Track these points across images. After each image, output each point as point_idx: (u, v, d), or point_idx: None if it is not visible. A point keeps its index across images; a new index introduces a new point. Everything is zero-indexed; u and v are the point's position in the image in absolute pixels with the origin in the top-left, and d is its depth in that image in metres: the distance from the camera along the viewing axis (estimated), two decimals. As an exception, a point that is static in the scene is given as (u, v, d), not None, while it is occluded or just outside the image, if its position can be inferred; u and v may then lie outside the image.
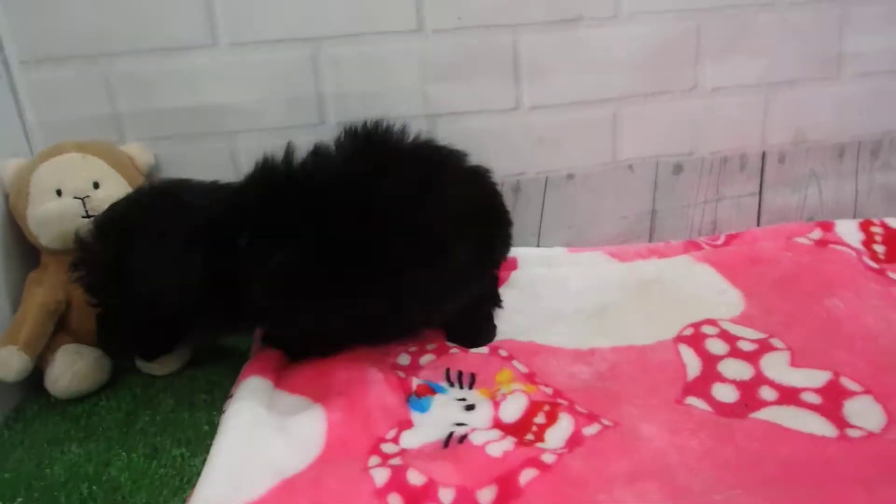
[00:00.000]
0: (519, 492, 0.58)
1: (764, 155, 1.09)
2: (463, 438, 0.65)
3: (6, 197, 0.86)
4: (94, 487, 0.68)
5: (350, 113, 0.99)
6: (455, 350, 0.84)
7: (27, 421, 0.81)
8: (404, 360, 0.83)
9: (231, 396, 0.76)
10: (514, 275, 1.02)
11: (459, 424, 0.69)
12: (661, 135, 1.07)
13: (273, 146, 0.92)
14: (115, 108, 0.94)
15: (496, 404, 0.72)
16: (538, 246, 1.10)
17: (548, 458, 0.61)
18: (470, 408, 0.72)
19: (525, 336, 0.87)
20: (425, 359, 0.83)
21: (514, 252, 1.05)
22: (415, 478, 0.60)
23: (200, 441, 0.74)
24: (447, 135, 1.02)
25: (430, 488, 0.59)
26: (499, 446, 0.63)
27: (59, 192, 0.83)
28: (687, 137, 1.07)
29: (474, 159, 0.89)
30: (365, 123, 0.83)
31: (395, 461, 0.64)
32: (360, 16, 0.95)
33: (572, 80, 1.02)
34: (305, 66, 0.96)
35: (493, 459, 0.62)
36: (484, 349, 0.85)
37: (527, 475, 0.59)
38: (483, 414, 0.71)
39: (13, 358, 0.77)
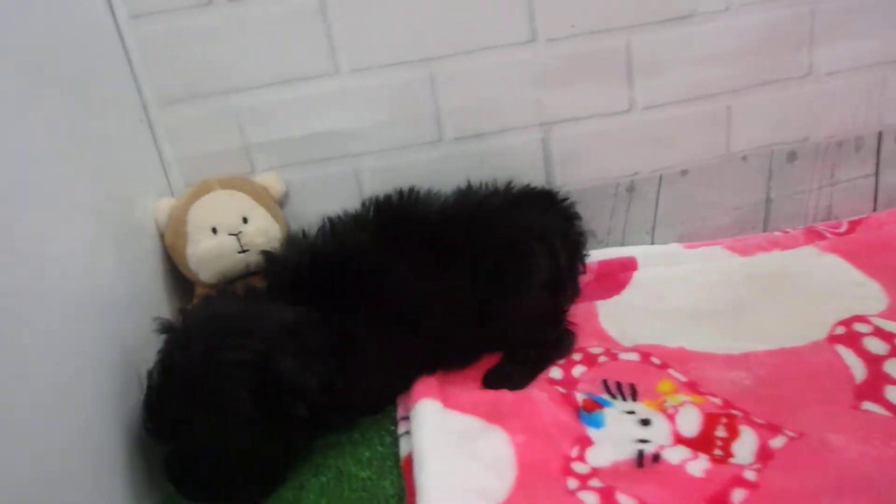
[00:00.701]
0: (732, 511, 0.60)
1: (880, 135, 1.08)
2: (656, 458, 0.67)
3: (161, 236, 0.88)
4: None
5: (468, 127, 1.00)
6: (604, 358, 0.86)
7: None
8: (556, 373, 0.85)
9: (404, 419, 0.79)
10: (635, 276, 1.03)
11: (642, 441, 0.71)
12: (774, 123, 1.06)
13: (395, 165, 0.94)
14: (245, 140, 0.96)
15: (670, 417, 0.73)
16: (652, 243, 1.11)
17: (749, 476, 0.63)
18: (645, 422, 0.74)
19: (671, 341, 0.88)
20: (577, 370, 0.85)
21: (630, 251, 1.06)
22: (626, 501, 0.62)
23: (382, 462, 0.76)
24: (562, 141, 1.03)
25: (642, 512, 0.61)
26: (697, 465, 0.65)
27: (214, 231, 0.85)
28: (801, 124, 1.06)
29: (589, 162, 0.96)
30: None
31: (595, 482, 0.66)
32: (474, 32, 0.96)
33: (685, 75, 1.01)
34: (423, 86, 0.97)
35: (698, 480, 0.63)
36: (633, 355, 0.86)
37: (738, 495, 0.61)
38: (661, 429, 0.72)
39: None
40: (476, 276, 0.81)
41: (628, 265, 1.04)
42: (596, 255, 1.05)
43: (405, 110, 0.98)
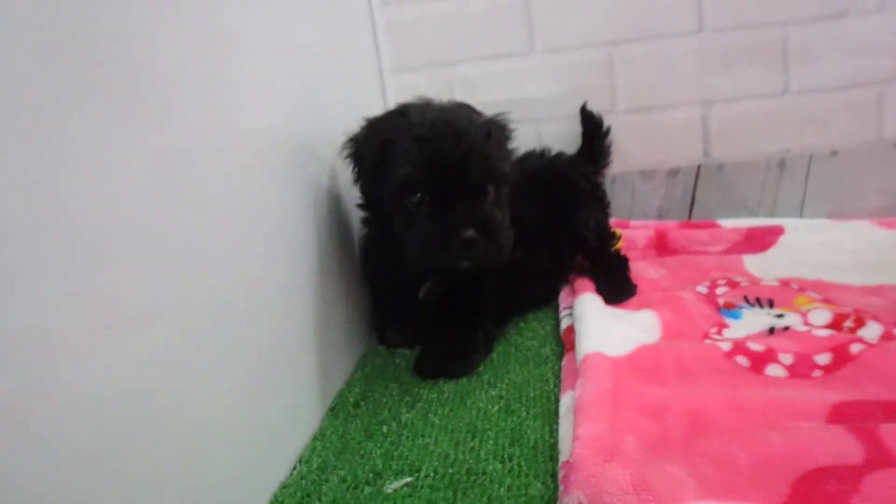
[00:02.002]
0: (852, 357, 0.71)
1: None
2: (786, 328, 0.80)
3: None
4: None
5: (636, 100, 1.20)
6: (746, 283, 0.99)
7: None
8: (702, 290, 0.99)
9: (565, 308, 0.97)
10: (781, 239, 1.14)
11: (773, 325, 0.83)
12: (927, 112, 1.15)
13: (570, 130, 1.14)
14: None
15: (803, 314, 0.85)
16: (801, 217, 1.21)
17: (871, 340, 0.74)
18: (780, 316, 0.86)
19: (812, 275, 0.99)
20: (721, 289, 0.98)
21: (780, 221, 1.18)
22: (755, 346, 0.75)
23: (545, 338, 0.95)
24: (720, 118, 1.19)
25: (770, 353, 0.74)
26: (823, 332, 0.77)
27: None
28: (955, 114, 1.14)
29: (743, 138, 1.12)
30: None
31: (732, 340, 0.80)
32: (650, 22, 1.17)
33: (838, 65, 1.14)
34: (602, 65, 1.19)
35: (822, 338, 0.75)
36: (774, 282, 0.98)
37: (856, 347, 0.72)
38: (793, 319, 0.84)
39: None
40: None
41: (775, 231, 1.16)
42: (743, 223, 1.18)
43: (585, 84, 1.20)
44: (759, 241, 1.15)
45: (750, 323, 0.86)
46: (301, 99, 0.86)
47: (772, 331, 0.81)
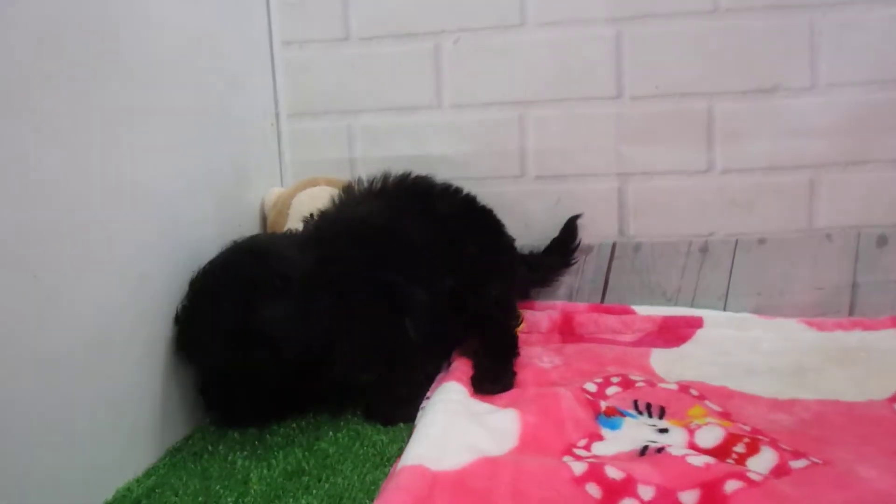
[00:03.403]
0: (725, 499, 0.57)
1: None
2: (661, 450, 0.66)
3: (264, 219, 1.04)
4: (307, 453, 0.76)
5: (548, 167, 1.09)
6: (642, 384, 0.85)
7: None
8: (591, 387, 0.85)
9: (428, 398, 0.83)
10: (699, 332, 1.02)
11: (653, 442, 0.69)
12: (863, 204, 1.04)
13: (478, 193, 1.03)
14: (353, 153, 1.12)
15: (691, 431, 0.71)
16: (724, 310, 1.09)
17: (754, 476, 0.60)
18: (663, 431, 0.72)
19: (716, 381, 0.86)
20: (611, 390, 0.85)
21: (700, 312, 1.05)
22: (613, 473, 0.61)
23: (398, 432, 0.80)
24: (637, 193, 1.08)
25: (629, 484, 0.60)
26: (700, 459, 0.63)
27: (311, 216, 0.99)
28: (893, 208, 1.03)
29: (663, 217, 1.04)
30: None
31: (590, 460, 0.65)
32: (566, 83, 1.07)
33: (767, 145, 1.04)
34: (512, 126, 1.09)
35: (696, 468, 0.61)
36: (672, 385, 0.85)
37: (733, 485, 0.58)
38: (678, 437, 0.71)
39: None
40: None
41: (693, 323, 1.03)
42: (660, 311, 1.06)
43: (494, 145, 1.09)
44: (674, 333, 1.02)
45: (627, 437, 0.72)
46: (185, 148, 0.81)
47: (644, 451, 0.67)
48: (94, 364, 0.66)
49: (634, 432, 0.73)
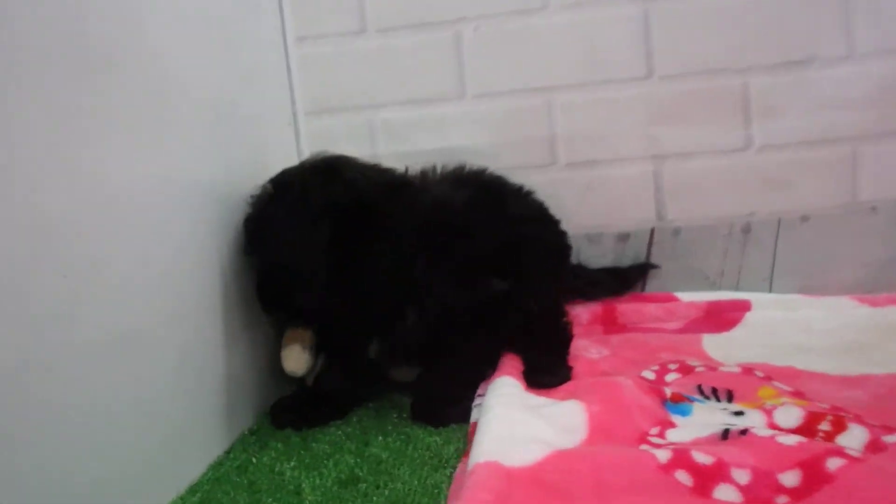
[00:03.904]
0: (829, 477, 0.53)
1: None
2: (744, 432, 0.61)
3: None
4: (359, 460, 0.71)
5: (578, 153, 1.05)
6: (702, 368, 0.81)
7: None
8: (649, 375, 0.81)
9: (482, 395, 0.78)
10: (748, 315, 0.97)
11: (733, 426, 0.65)
12: (909, 174, 1.00)
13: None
14: (374, 150, 1.08)
15: (767, 412, 0.67)
16: (770, 291, 1.05)
17: (853, 453, 0.55)
18: (738, 413, 0.68)
19: (781, 361, 0.81)
20: (671, 377, 0.81)
21: (746, 295, 1.01)
22: (702, 458, 0.57)
23: (451, 433, 0.76)
24: (674, 175, 1.04)
25: (721, 468, 0.55)
26: (792, 438, 0.59)
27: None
28: (942, 177, 1.00)
29: (702, 198, 0.99)
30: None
31: (673, 447, 0.61)
32: (592, 66, 1.04)
33: (805, 119, 1.01)
34: (539, 112, 1.05)
35: (790, 447, 0.57)
36: (735, 368, 0.80)
37: (835, 462, 0.54)
38: (756, 419, 0.66)
39: (303, 355, 0.86)
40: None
41: (741, 306, 0.99)
42: (704, 296, 1.02)
43: (522, 134, 1.05)
44: (722, 317, 0.97)
45: (701, 421, 0.68)
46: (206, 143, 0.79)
47: (726, 434, 0.62)
48: (125, 375, 0.61)
49: (707, 417, 0.69)
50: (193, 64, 0.78)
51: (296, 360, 0.87)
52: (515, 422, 0.66)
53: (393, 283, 0.80)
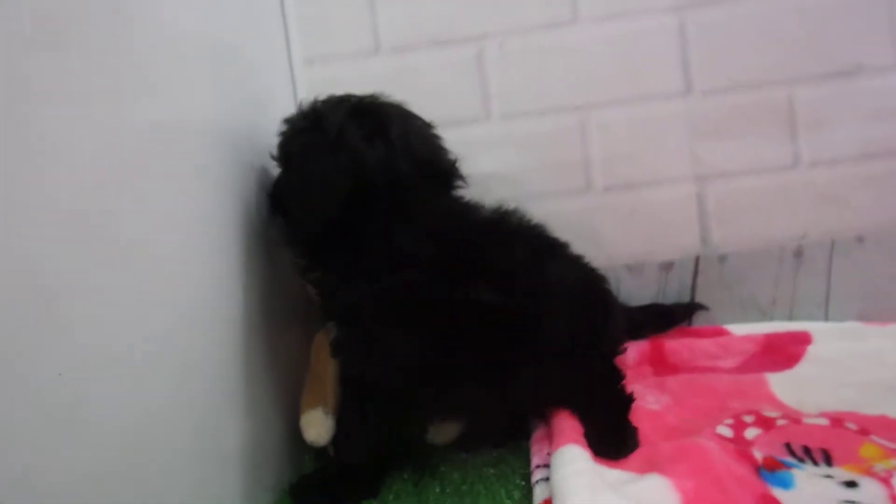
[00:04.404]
0: None
1: None
2: (874, 514, 0.53)
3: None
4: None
5: (616, 176, 0.97)
6: (783, 421, 0.73)
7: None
8: (725, 431, 0.72)
9: (539, 466, 0.69)
10: (810, 349, 0.89)
11: (850, 503, 0.56)
12: (972, 189, 0.94)
13: (540, 212, 0.90)
14: (393, 181, 0.97)
15: (885, 482, 0.59)
16: (826, 319, 0.97)
17: None
18: (850, 484, 0.60)
19: (869, 409, 0.73)
20: (750, 433, 0.72)
21: (803, 325, 0.93)
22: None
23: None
24: (718, 197, 0.96)
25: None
26: (936, 525, 0.50)
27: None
28: None
29: (749, 221, 0.93)
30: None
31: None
32: (628, 81, 0.95)
33: (856, 132, 0.94)
34: (573, 133, 0.96)
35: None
36: (821, 420, 0.72)
37: None
38: (873, 491, 0.58)
39: (326, 421, 0.76)
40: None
41: (801, 339, 0.91)
42: (759, 328, 0.94)
43: (553, 156, 0.96)
44: (782, 352, 0.89)
45: (809, 497, 0.59)
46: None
47: (852, 517, 0.54)
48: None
49: (815, 488, 0.60)
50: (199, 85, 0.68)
51: (318, 428, 0.77)
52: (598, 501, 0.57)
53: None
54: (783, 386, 0.82)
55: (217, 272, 0.67)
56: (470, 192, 0.96)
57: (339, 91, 0.96)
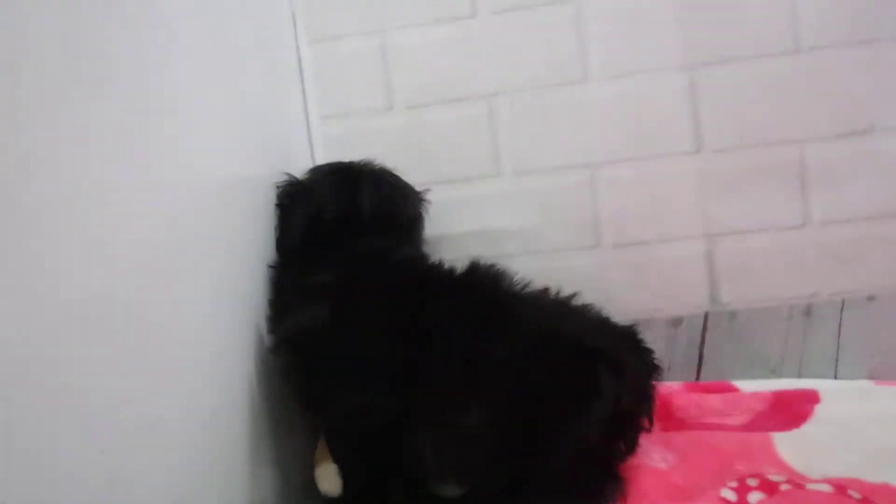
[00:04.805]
0: None
1: None
2: None
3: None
4: None
5: (625, 233, 0.99)
6: (787, 486, 0.73)
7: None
8: (729, 495, 0.73)
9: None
10: (818, 409, 0.89)
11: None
12: (981, 250, 0.94)
13: (548, 268, 0.93)
14: (406, 234, 1.00)
15: (885, 556, 0.59)
16: (836, 378, 0.97)
17: None
18: (853, 559, 0.60)
19: (873, 476, 0.73)
20: (754, 497, 0.73)
21: (812, 383, 0.94)
22: None
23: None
24: (728, 255, 0.98)
25: None
26: None
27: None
28: None
29: (759, 279, 0.92)
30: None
31: None
32: (638, 140, 0.98)
33: (869, 191, 0.95)
34: (583, 190, 0.99)
35: None
36: (824, 486, 0.72)
37: None
38: (871, 567, 0.58)
39: (338, 475, 0.78)
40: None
41: (809, 397, 0.91)
42: (767, 385, 0.94)
43: (564, 213, 0.99)
44: (790, 411, 0.89)
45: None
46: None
47: None
48: None
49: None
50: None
51: (330, 480, 0.80)
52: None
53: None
54: (789, 447, 0.82)
55: (237, 330, 0.70)
56: (477, 248, 0.99)
57: (354, 146, 1.01)
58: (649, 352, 0.81)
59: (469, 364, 0.73)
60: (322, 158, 1.01)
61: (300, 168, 0.97)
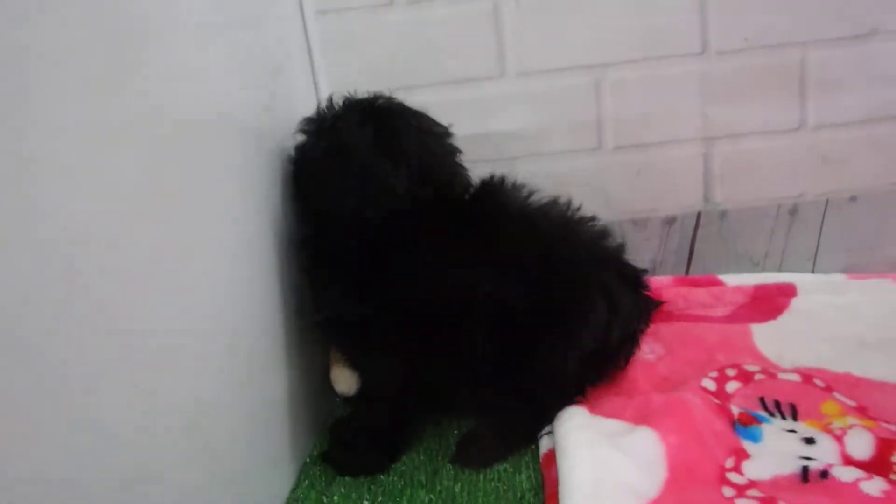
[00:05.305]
0: (919, 535, 0.55)
1: None
2: (824, 474, 0.63)
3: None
4: (431, 496, 0.73)
5: (628, 136, 1.01)
6: (761, 376, 0.82)
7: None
8: (709, 385, 0.82)
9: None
10: (794, 302, 0.98)
11: (806, 458, 0.67)
12: (964, 154, 0.98)
13: (550, 170, 0.95)
14: (411, 137, 1.02)
15: (838, 438, 0.69)
16: (813, 272, 1.05)
17: (937, 500, 0.58)
18: (809, 441, 0.70)
19: (837, 366, 0.83)
20: (731, 386, 0.82)
21: (790, 277, 1.01)
22: (791, 511, 0.59)
23: (518, 460, 0.77)
24: (724, 157, 1.01)
25: (811, 524, 0.58)
26: (873, 485, 0.61)
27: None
28: None
29: (751, 181, 0.95)
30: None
31: (754, 492, 0.63)
32: (644, 42, 0.97)
33: (864, 96, 0.97)
34: (587, 92, 0.99)
35: (875, 499, 0.59)
36: (793, 375, 0.82)
37: (923, 518, 0.56)
38: (827, 448, 0.68)
39: (353, 376, 0.86)
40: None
41: (786, 291, 0.99)
42: (750, 279, 1.02)
43: (567, 115, 1.00)
44: (769, 304, 0.98)
45: (774, 451, 0.69)
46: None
47: (805, 476, 0.64)
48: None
49: (778, 444, 0.70)
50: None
51: (346, 381, 0.87)
52: (600, 464, 0.67)
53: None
54: (765, 338, 0.91)
55: (255, 259, 0.73)
56: (479, 150, 1.01)
57: (351, 44, 0.98)
58: (647, 297, 0.85)
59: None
60: (319, 57, 0.99)
61: (299, 68, 0.96)
